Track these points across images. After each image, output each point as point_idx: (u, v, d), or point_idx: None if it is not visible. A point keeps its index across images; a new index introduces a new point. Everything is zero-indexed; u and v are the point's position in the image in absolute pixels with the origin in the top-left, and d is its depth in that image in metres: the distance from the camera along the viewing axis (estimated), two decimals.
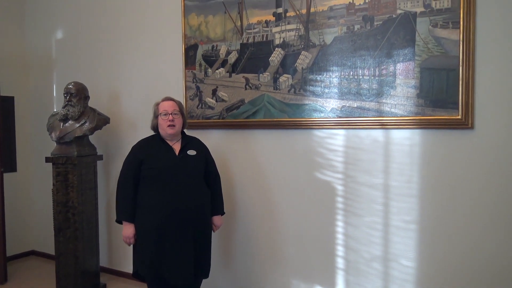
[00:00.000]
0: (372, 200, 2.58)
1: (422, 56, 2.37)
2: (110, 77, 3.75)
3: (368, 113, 2.54)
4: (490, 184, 2.26)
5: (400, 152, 2.48)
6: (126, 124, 3.68)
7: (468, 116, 2.26)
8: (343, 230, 2.70)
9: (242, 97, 3.01)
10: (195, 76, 3.22)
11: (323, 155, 2.74)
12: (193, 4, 3.19)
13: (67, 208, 3.34)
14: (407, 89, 2.42)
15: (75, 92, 3.32)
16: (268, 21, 2.89)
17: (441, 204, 2.38)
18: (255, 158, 3.02)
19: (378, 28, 2.49)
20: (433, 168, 2.39)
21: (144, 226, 2.50)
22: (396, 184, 2.50)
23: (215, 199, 2.73)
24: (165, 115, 2.58)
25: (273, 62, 2.87)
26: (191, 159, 2.60)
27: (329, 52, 2.66)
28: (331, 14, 2.64)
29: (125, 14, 3.63)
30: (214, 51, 3.13)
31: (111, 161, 3.77)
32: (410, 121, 2.41)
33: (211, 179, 2.72)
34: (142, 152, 2.59)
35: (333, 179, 2.71)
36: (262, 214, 3.02)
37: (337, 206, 2.71)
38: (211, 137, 3.12)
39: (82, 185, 3.36)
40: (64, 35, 4.08)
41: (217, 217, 2.76)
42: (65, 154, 3.33)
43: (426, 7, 2.35)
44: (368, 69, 2.54)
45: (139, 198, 2.54)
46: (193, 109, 3.24)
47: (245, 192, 3.09)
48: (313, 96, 2.72)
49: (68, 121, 3.35)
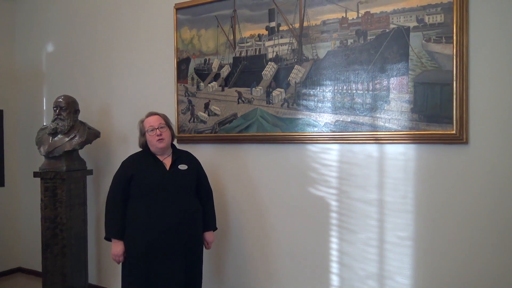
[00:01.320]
0: (367, 215, 2.54)
1: (416, 70, 2.36)
2: (101, 90, 3.71)
3: (362, 128, 2.52)
4: (485, 199, 2.23)
5: (395, 167, 2.45)
6: (117, 138, 3.63)
7: (463, 131, 2.25)
8: (337, 246, 2.65)
9: (234, 111, 2.98)
10: (187, 90, 3.19)
11: (317, 170, 2.70)
12: (186, 18, 3.17)
13: (55, 224, 3.27)
14: (401, 104, 2.40)
15: (65, 105, 3.28)
16: (261, 35, 2.87)
17: (436, 219, 2.35)
18: (248, 173, 2.98)
19: (371, 42, 2.48)
20: (428, 183, 2.37)
21: (134, 243, 2.45)
22: (390, 199, 2.47)
23: (207, 214, 2.68)
24: (152, 131, 2.54)
25: (266, 76, 2.85)
26: (182, 173, 2.56)
27: (322, 66, 2.64)
28: (324, 28, 2.64)
29: (116, 27, 3.61)
30: (206, 64, 3.11)
31: (101, 176, 3.70)
32: (405, 135, 2.39)
33: (203, 194, 2.68)
34: (132, 168, 2.55)
35: (327, 195, 2.67)
36: (255, 230, 2.97)
37: (331, 222, 2.67)
38: (203, 152, 3.08)
39: (71, 200, 3.30)
40: (55, 48, 4.04)
41: (209, 233, 2.71)
42: (54, 169, 3.27)
43: (419, 22, 2.34)
44: (361, 84, 2.52)
45: (128, 214, 2.49)
46: (185, 123, 3.20)
47: (238, 207, 3.04)
48: (307, 110, 2.70)
49: (57, 135, 3.30)
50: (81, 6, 3.83)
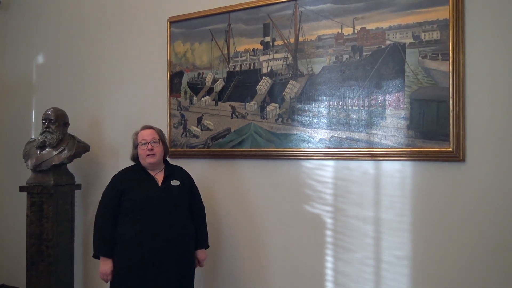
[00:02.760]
0: (363, 234, 2.49)
1: (412, 87, 2.34)
2: (92, 103, 3.64)
3: (357, 144, 2.49)
4: (481, 218, 2.20)
5: (391, 185, 2.42)
6: (107, 152, 3.55)
7: (459, 148, 2.22)
8: (333, 265, 2.59)
9: (228, 126, 2.94)
10: (180, 103, 3.14)
11: (312, 186, 2.66)
12: (179, 31, 3.14)
13: (41, 241, 3.17)
14: (397, 120, 2.38)
15: (54, 118, 3.21)
16: (256, 49, 2.85)
17: (432, 238, 2.31)
18: (241, 189, 2.92)
19: (367, 58, 2.47)
20: (425, 201, 2.33)
21: (123, 262, 2.38)
22: (387, 217, 2.42)
23: (199, 231, 2.61)
24: (143, 145, 2.49)
25: (260, 91, 2.82)
26: (174, 189, 2.51)
27: (318, 81, 2.62)
28: (319, 44, 2.62)
29: (109, 40, 3.56)
30: (200, 78, 3.07)
31: (90, 191, 3.61)
32: (401, 152, 2.36)
33: (195, 211, 2.62)
34: (122, 183, 2.49)
35: (322, 212, 2.63)
36: (248, 248, 2.90)
37: (326, 240, 2.61)
38: (196, 167, 3.02)
39: (58, 216, 3.21)
40: (46, 60, 3.98)
41: (201, 251, 2.64)
42: (41, 183, 3.19)
43: (415, 39, 2.34)
44: (357, 99, 2.50)
45: (118, 231, 2.42)
46: (177, 137, 3.14)
47: (231, 224, 2.97)
48: (301, 126, 2.67)
49: (45, 149, 3.22)
50: (73, 18, 3.78)
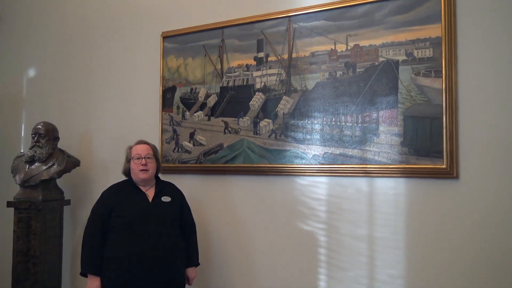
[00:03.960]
0: (357, 252, 2.45)
1: (405, 104, 2.34)
2: (83, 117, 3.60)
3: (351, 161, 2.47)
4: (476, 235, 2.18)
5: (385, 202, 2.40)
6: (97, 167, 3.50)
7: (453, 165, 2.22)
8: (326, 284, 2.54)
9: (220, 141, 2.91)
10: (172, 118, 3.11)
11: (305, 203, 2.63)
12: (173, 46, 3.13)
13: (28, 258, 3.08)
14: (391, 137, 2.37)
15: (44, 132, 3.16)
16: (249, 65, 2.84)
17: (427, 256, 2.28)
18: (233, 205, 2.88)
19: (361, 75, 2.47)
20: (419, 219, 2.31)
21: (111, 280, 2.31)
22: (381, 235, 2.39)
23: (190, 249, 2.56)
24: (137, 159, 2.46)
25: (254, 107, 2.81)
26: (165, 206, 2.47)
27: (311, 97, 2.61)
28: (313, 60, 2.62)
29: (101, 54, 3.54)
30: (192, 93, 3.05)
31: (79, 207, 3.54)
32: (395, 169, 2.35)
33: (186, 228, 2.57)
34: (112, 199, 2.45)
35: (315, 229, 2.59)
36: (240, 266, 2.84)
37: (319, 258, 2.57)
38: (187, 183, 2.97)
39: (46, 232, 3.13)
40: (37, 73, 3.94)
41: (192, 268, 2.58)
42: (29, 198, 3.11)
43: (408, 56, 2.35)
44: (350, 116, 2.49)
45: (107, 248, 2.37)
46: (169, 152, 3.11)
47: (222, 242, 2.91)
48: (295, 142, 2.65)
49: (34, 163, 3.16)
50: (65, 32, 3.76)
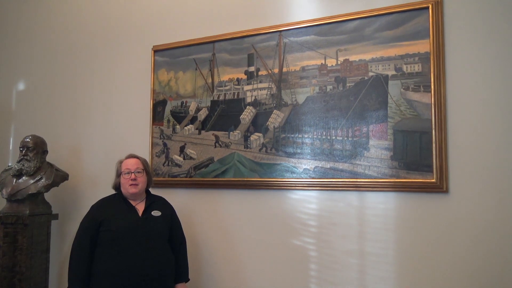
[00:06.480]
0: (347, 267, 2.44)
1: (395, 118, 2.36)
2: (72, 131, 3.57)
3: (341, 175, 2.47)
4: (466, 249, 2.18)
5: (375, 216, 2.39)
6: (86, 181, 3.46)
7: (443, 179, 2.22)
8: None
9: (211, 155, 2.90)
10: (163, 132, 3.10)
11: (296, 218, 2.61)
12: (163, 60, 3.13)
13: (13, 273, 3.01)
14: (381, 151, 2.38)
15: (32, 146, 3.12)
16: (240, 79, 2.85)
17: (417, 271, 2.27)
18: (224, 219, 2.85)
19: (351, 89, 2.49)
20: (409, 233, 2.31)
21: None
22: (371, 250, 2.38)
23: (179, 264, 2.52)
24: (127, 174, 2.44)
25: (244, 120, 2.80)
26: (155, 220, 2.44)
27: (302, 111, 2.62)
28: (303, 74, 2.64)
29: (91, 67, 3.52)
30: (183, 107, 3.04)
31: (67, 221, 3.49)
32: (385, 183, 2.35)
33: (176, 243, 2.54)
34: (101, 213, 2.41)
35: (306, 244, 2.57)
36: (230, 281, 2.81)
37: (310, 273, 2.54)
38: (177, 197, 2.95)
39: (33, 247, 3.07)
40: (26, 86, 3.91)
41: (181, 284, 2.54)
42: (16, 213, 3.06)
43: (398, 71, 2.37)
44: (341, 130, 2.50)
45: (95, 263, 2.33)
46: (159, 166, 3.08)
47: (212, 257, 2.88)
48: (285, 155, 2.64)
49: (22, 177, 3.12)
50: (55, 45, 3.74)
